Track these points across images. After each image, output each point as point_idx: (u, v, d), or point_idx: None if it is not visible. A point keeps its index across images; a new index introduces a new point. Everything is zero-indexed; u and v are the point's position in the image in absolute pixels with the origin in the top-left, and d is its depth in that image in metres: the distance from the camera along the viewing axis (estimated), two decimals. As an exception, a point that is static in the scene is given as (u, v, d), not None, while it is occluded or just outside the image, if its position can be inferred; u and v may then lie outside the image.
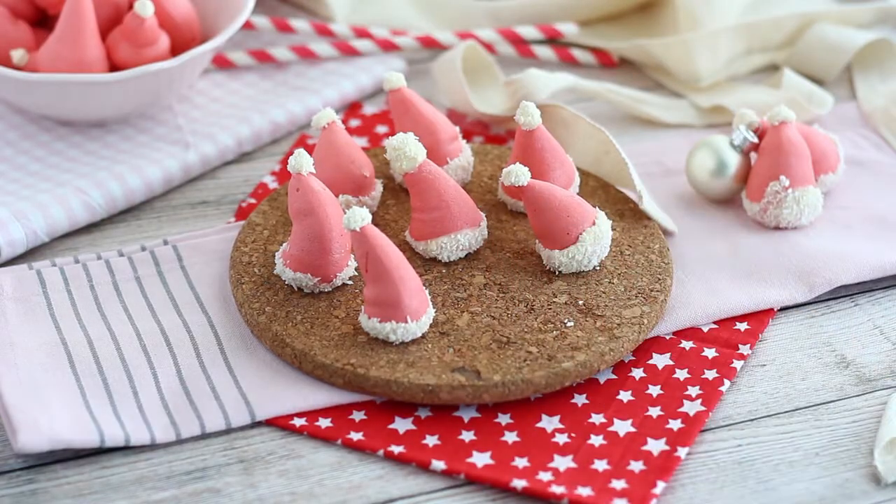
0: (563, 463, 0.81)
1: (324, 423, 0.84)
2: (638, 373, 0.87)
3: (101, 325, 0.90)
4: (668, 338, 0.90)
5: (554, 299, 0.89)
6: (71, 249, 0.97)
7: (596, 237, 0.90)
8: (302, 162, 0.89)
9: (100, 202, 0.99)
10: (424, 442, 0.83)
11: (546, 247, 0.91)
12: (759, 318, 0.92)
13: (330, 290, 0.90)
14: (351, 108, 1.11)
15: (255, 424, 0.85)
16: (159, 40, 1.03)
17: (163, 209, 1.02)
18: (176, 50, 1.05)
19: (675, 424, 0.84)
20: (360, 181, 0.95)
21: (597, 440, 0.83)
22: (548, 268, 0.92)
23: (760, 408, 0.86)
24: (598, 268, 0.92)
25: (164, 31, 1.04)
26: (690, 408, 0.85)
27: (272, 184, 1.02)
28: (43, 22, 1.08)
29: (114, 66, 1.03)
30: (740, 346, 0.89)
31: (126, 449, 0.83)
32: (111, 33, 1.04)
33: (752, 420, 0.85)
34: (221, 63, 1.13)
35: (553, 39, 1.18)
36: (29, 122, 1.06)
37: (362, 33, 1.16)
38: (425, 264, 0.92)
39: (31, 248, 0.97)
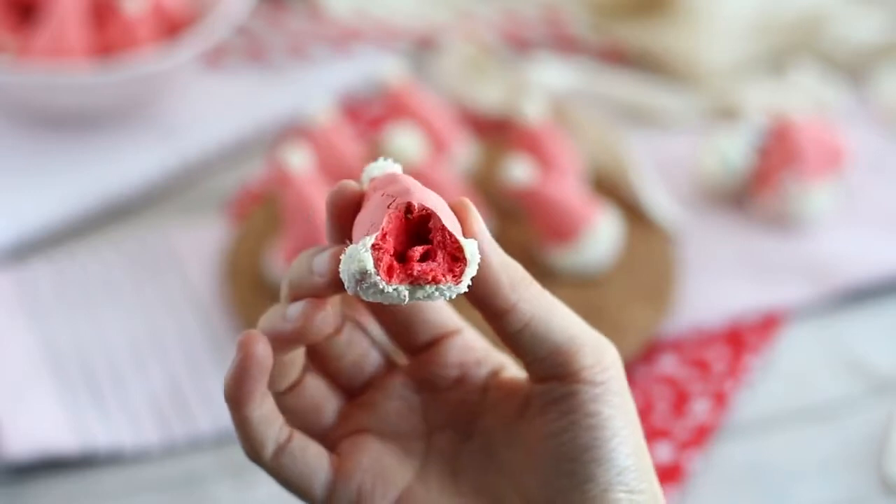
0: (566, 469, 0.79)
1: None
2: (644, 375, 0.86)
3: (94, 326, 0.89)
4: (674, 340, 0.89)
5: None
6: (67, 249, 0.96)
7: (600, 237, 0.90)
8: (297, 160, 0.88)
9: (93, 200, 0.99)
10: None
11: (549, 247, 0.90)
12: (770, 319, 0.90)
13: (326, 290, 0.88)
14: (349, 105, 1.09)
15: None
16: (152, 35, 1.03)
17: (158, 209, 1.01)
18: (169, 44, 1.04)
19: (682, 429, 0.82)
20: (358, 179, 0.94)
21: (601, 445, 0.81)
22: (551, 268, 0.90)
23: (771, 412, 0.84)
24: (602, 268, 0.91)
25: (156, 25, 1.04)
26: (698, 412, 0.83)
27: (268, 183, 1.01)
28: (29, 14, 1.06)
29: (104, 61, 1.02)
30: (750, 348, 0.88)
31: (115, 454, 0.81)
32: (101, 27, 1.03)
33: (762, 425, 0.84)
34: (216, 59, 1.12)
35: (557, 35, 1.17)
36: (20, 119, 1.06)
37: (361, 28, 1.15)
38: (425, 264, 0.90)
39: (23, 246, 0.96)
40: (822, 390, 0.86)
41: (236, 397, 0.51)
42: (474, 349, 0.55)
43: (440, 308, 0.55)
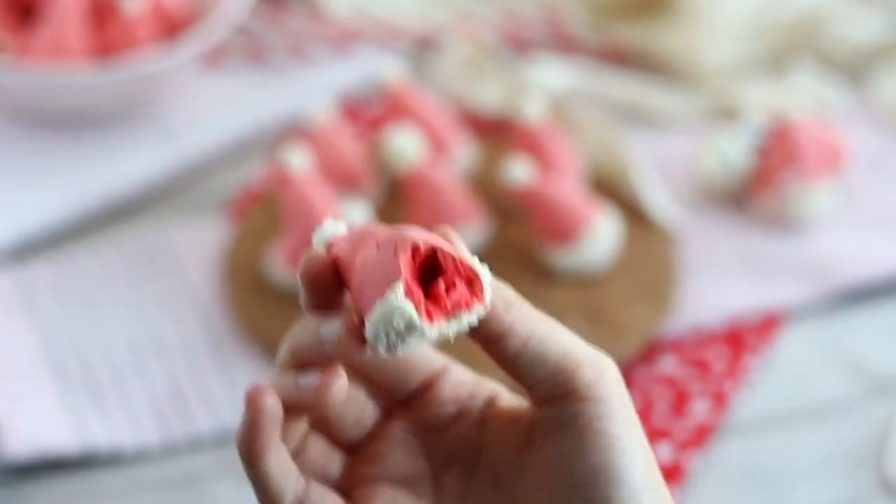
0: (566, 469, 0.79)
1: (319, 428, 0.82)
2: (643, 376, 0.86)
3: (94, 327, 0.89)
4: (674, 340, 0.88)
5: (557, 300, 0.88)
6: (67, 250, 0.96)
7: (600, 237, 0.90)
8: (297, 160, 0.88)
9: (93, 200, 0.98)
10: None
11: (549, 247, 0.90)
12: (770, 319, 0.90)
13: (326, 290, 0.88)
14: (349, 105, 1.09)
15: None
16: (152, 35, 1.02)
17: (158, 209, 1.00)
18: (169, 44, 1.04)
19: (682, 429, 0.82)
20: (357, 179, 0.94)
21: (601, 445, 0.81)
22: (551, 268, 0.90)
23: (770, 413, 0.84)
24: (602, 268, 0.91)
25: (156, 25, 1.04)
26: (698, 412, 0.83)
27: (267, 183, 1.01)
28: (29, 14, 1.06)
29: (104, 61, 1.02)
30: (750, 348, 0.88)
31: (115, 454, 0.81)
32: (101, 27, 1.02)
33: (762, 425, 0.83)
34: (216, 59, 1.11)
35: (557, 34, 1.17)
36: (20, 119, 1.05)
37: (361, 28, 1.15)
38: (424, 265, 0.90)
39: (23, 247, 0.96)
40: (822, 390, 0.85)
41: (251, 453, 0.49)
42: (465, 383, 0.54)
43: (423, 350, 0.54)
